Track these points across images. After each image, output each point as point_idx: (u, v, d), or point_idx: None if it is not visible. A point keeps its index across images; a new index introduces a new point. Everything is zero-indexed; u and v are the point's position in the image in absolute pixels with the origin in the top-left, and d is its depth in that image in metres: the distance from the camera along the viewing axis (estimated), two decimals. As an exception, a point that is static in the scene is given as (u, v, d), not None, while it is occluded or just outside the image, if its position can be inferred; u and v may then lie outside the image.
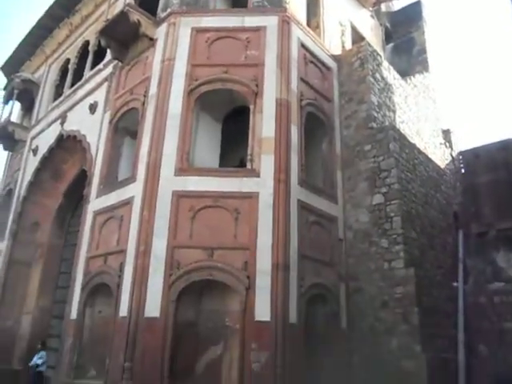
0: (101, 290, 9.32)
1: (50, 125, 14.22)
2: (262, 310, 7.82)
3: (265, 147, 8.89)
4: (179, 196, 8.59)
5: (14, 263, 13.61)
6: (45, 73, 16.50)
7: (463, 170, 13.54)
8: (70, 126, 12.92)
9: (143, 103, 9.95)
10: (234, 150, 10.95)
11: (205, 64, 9.75)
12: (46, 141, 14.01)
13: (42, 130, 14.64)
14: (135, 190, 9.06)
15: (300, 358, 7.96)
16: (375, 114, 10.73)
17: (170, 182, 8.70)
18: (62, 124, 13.36)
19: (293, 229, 8.57)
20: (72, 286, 10.10)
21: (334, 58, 11.60)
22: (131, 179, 9.39)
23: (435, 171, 11.83)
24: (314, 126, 10.27)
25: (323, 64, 11.12)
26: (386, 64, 12.03)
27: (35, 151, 14.50)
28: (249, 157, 8.94)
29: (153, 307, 7.95)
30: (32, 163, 14.45)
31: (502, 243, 11.49)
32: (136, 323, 7.90)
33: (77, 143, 12.50)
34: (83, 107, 12.58)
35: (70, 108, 13.34)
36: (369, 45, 11.65)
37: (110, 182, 10.26)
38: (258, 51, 9.76)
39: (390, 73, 12.06)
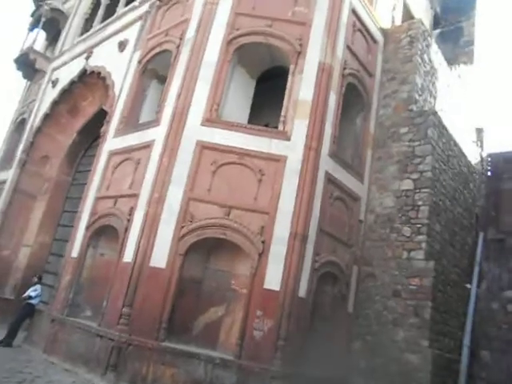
0: (106, 232, 8.97)
1: (74, 58, 13.63)
2: (273, 279, 7.44)
3: (300, 111, 8.33)
4: (203, 147, 8.11)
5: (19, 193, 13.31)
6: (75, 4, 15.81)
7: (489, 173, 13.00)
8: (96, 61, 12.33)
9: (178, 46, 9.34)
10: (261, 114, 10.39)
11: (249, 14, 9.08)
12: (67, 74, 13.45)
13: (65, 63, 14.06)
14: (157, 134, 8.57)
15: (303, 335, 7.62)
16: (417, 97, 10.11)
17: (195, 131, 8.21)
18: (87, 59, 12.78)
19: (316, 200, 8.10)
20: (76, 225, 9.75)
21: (382, 31, 10.90)
22: (154, 122, 8.90)
23: (466, 167, 11.28)
24: (351, 98, 9.66)
25: (371, 35, 10.43)
26: (435, 47, 11.32)
27: (55, 83, 13.96)
28: (282, 118, 8.40)
29: (159, 257, 7.59)
30: (50, 95, 13.93)
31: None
32: (140, 271, 7.56)
33: (100, 80, 11.96)
34: (112, 44, 11.97)
35: (98, 43, 12.73)
36: (421, 23, 10.92)
37: (131, 123, 9.78)
38: (307, 9, 9.08)
39: (437, 57, 11.37)
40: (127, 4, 12.56)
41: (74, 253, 9.26)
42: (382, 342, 8.50)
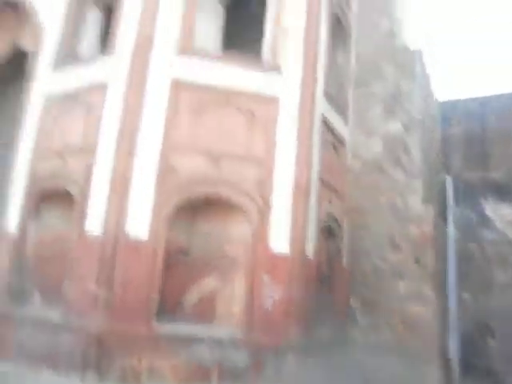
0: (54, 198, 7.08)
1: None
2: (279, 239, 6.35)
3: (291, 39, 7.00)
4: (179, 84, 6.48)
5: None
6: None
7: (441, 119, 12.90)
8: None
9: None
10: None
11: None
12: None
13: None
14: (114, 69, 6.71)
15: (313, 297, 6.72)
16: (397, 30, 9.25)
17: (168, 63, 6.52)
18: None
19: (315, 147, 7.01)
20: (9, 192, 7.63)
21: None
22: (107, 53, 6.95)
23: (436, 106, 10.88)
24: (332, 29, 8.49)
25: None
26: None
27: None
28: (268, 49, 7.00)
29: (138, 226, 6.05)
30: None
31: (490, 192, 11.10)
32: (115, 244, 5.94)
33: (8, 7, 9.36)
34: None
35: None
36: None
37: (70, 56, 7.64)
38: None
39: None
40: None
41: (11, 227, 7.21)
42: (381, 297, 7.93)
